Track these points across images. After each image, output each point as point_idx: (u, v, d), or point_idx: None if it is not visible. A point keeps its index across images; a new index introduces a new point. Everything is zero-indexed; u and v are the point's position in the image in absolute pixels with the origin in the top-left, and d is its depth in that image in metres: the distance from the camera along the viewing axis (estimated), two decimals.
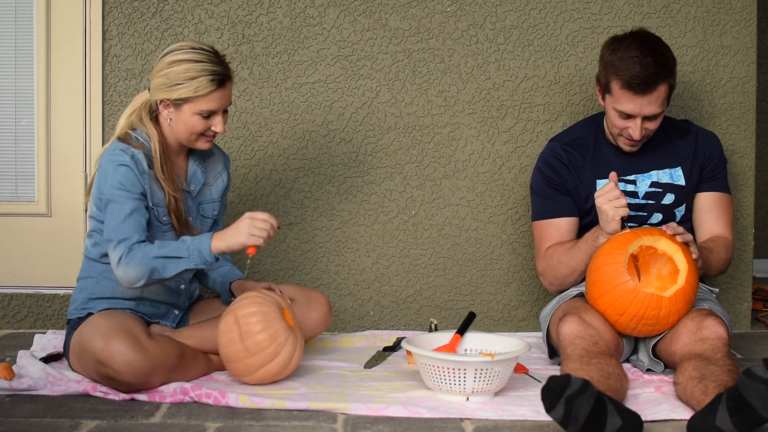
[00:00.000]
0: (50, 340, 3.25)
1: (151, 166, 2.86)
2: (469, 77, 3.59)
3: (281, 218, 3.59)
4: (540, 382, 2.88)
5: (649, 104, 3.02)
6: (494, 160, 3.60)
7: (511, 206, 3.60)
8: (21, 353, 3.06)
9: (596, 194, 2.99)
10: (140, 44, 3.55)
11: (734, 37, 3.58)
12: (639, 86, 2.99)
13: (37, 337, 3.29)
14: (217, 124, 2.88)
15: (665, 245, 2.92)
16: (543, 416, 2.56)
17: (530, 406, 2.65)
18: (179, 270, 2.78)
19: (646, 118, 3.06)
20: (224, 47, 3.55)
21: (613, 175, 3.01)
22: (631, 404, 2.65)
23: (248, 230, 2.77)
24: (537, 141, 3.56)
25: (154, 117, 2.92)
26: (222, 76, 2.85)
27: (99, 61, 3.56)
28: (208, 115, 2.86)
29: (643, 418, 2.48)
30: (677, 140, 3.24)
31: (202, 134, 2.89)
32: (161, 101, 2.87)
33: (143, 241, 2.79)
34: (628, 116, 3.06)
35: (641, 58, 2.99)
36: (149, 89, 2.92)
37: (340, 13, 3.56)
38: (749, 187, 3.62)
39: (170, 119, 2.88)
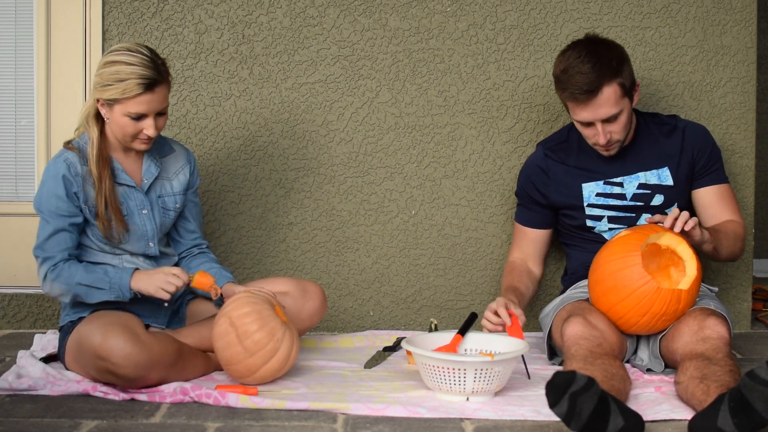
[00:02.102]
0: (50, 340, 3.25)
1: (86, 164, 2.91)
2: (469, 77, 3.59)
3: (281, 218, 3.59)
4: (528, 378, 2.90)
5: (600, 108, 3.02)
6: (494, 160, 3.60)
7: (511, 206, 3.60)
8: (21, 353, 3.06)
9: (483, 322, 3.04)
10: None
11: (734, 37, 3.58)
12: (582, 95, 3.00)
13: (37, 337, 3.29)
14: (148, 127, 2.88)
15: (668, 240, 2.93)
16: (543, 416, 2.56)
17: (530, 406, 2.65)
18: (101, 300, 2.87)
19: (606, 121, 3.06)
20: (224, 47, 3.55)
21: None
22: (631, 404, 2.65)
23: (159, 284, 2.84)
24: (537, 141, 3.56)
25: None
26: (151, 80, 2.84)
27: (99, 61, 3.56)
28: (138, 118, 2.87)
29: (644, 418, 2.48)
30: (663, 140, 3.23)
31: (135, 136, 2.90)
32: (98, 99, 2.90)
33: (68, 260, 2.88)
34: (588, 124, 3.07)
35: (579, 67, 3.00)
36: None
37: (340, 13, 3.56)
38: (749, 187, 3.62)
39: (107, 119, 2.91)
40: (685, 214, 2.92)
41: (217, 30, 3.56)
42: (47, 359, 3.02)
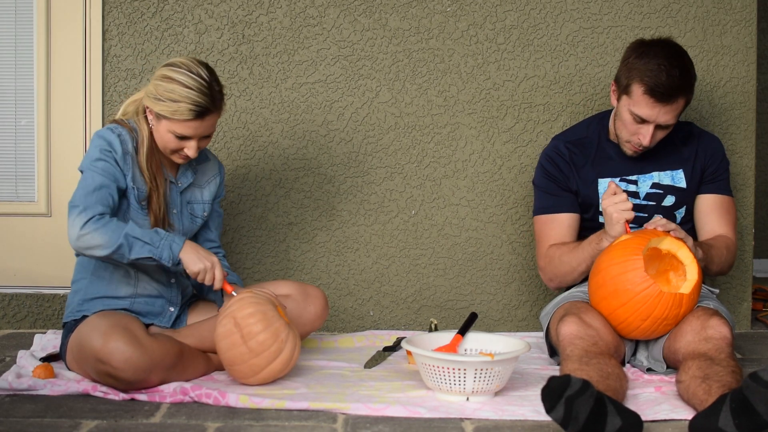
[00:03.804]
0: (50, 340, 3.25)
1: (137, 150, 2.89)
2: (469, 77, 3.59)
3: (281, 218, 3.59)
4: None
5: (666, 113, 3.03)
6: (494, 160, 3.60)
7: (511, 206, 3.60)
8: (21, 353, 3.06)
9: (602, 197, 3.02)
10: (140, 44, 3.55)
11: (734, 37, 3.58)
12: (661, 95, 3.00)
13: (37, 337, 3.29)
14: (189, 148, 2.87)
15: (669, 244, 2.92)
16: (543, 416, 2.56)
17: (530, 406, 2.65)
18: (142, 255, 2.78)
19: (659, 127, 3.07)
20: (224, 47, 3.55)
21: (611, 183, 3.03)
22: (631, 404, 2.65)
23: (204, 266, 2.81)
24: (537, 141, 3.56)
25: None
26: (203, 109, 2.82)
27: (99, 61, 3.56)
28: (182, 138, 2.86)
29: (643, 418, 2.48)
30: (679, 143, 3.24)
31: (175, 151, 2.90)
32: (146, 106, 2.89)
33: (112, 216, 2.81)
34: (643, 121, 3.06)
35: (669, 69, 3.00)
36: None
37: (340, 13, 3.56)
38: (749, 187, 3.62)
39: (152, 125, 2.90)
40: (665, 221, 2.95)
41: (217, 30, 3.56)
42: (47, 359, 3.02)
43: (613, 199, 2.98)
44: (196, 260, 2.81)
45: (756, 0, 3.58)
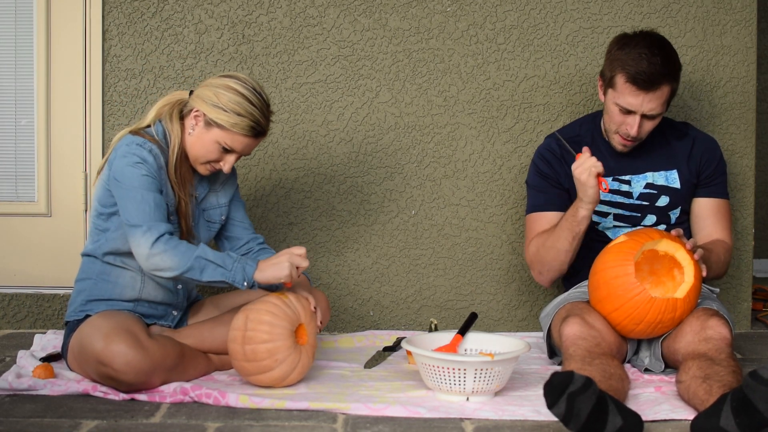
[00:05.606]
0: (50, 340, 3.25)
1: (165, 163, 2.87)
2: (469, 77, 3.59)
3: (281, 218, 3.59)
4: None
5: (650, 102, 3.04)
6: (494, 160, 3.60)
7: (511, 206, 3.60)
8: (21, 353, 3.06)
9: (573, 167, 3.01)
10: (140, 44, 3.55)
11: (734, 37, 3.58)
12: (644, 82, 3.01)
13: (37, 337, 3.29)
14: (226, 162, 2.89)
15: (666, 246, 2.92)
16: (543, 416, 2.56)
17: (530, 406, 2.65)
18: (215, 278, 2.77)
19: (645, 117, 3.08)
20: (224, 47, 3.55)
21: (585, 148, 3.04)
22: (631, 404, 2.65)
23: (291, 268, 2.79)
24: (537, 141, 3.56)
25: (180, 118, 2.92)
26: (261, 129, 2.87)
27: (99, 61, 3.56)
28: (227, 150, 2.87)
29: (644, 418, 2.48)
30: (674, 143, 3.24)
31: (209, 162, 2.89)
32: (196, 110, 2.86)
33: (173, 234, 2.79)
34: (628, 112, 3.07)
35: (649, 56, 3.02)
36: (191, 92, 2.91)
37: (340, 13, 3.56)
38: (749, 187, 3.62)
39: (192, 131, 2.88)
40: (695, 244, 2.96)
41: (217, 30, 3.56)
42: (47, 359, 3.02)
43: (584, 165, 3.00)
44: (278, 270, 2.79)
45: (756, 0, 3.58)
